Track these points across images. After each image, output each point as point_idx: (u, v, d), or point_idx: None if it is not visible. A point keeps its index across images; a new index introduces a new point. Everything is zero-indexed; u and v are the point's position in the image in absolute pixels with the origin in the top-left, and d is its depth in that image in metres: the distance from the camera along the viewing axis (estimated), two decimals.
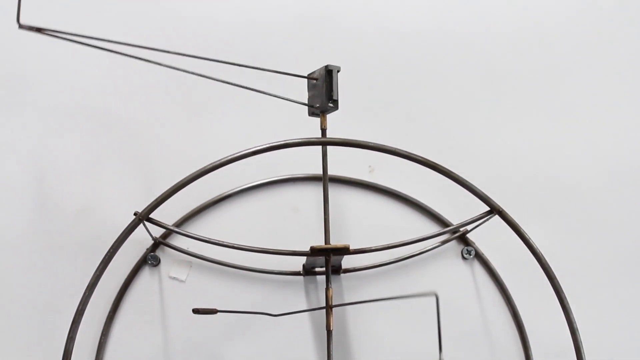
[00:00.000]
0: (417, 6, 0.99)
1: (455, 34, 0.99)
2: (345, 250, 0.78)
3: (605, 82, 0.99)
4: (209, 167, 0.75)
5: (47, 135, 0.94)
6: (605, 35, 1.00)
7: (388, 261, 0.93)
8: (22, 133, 0.94)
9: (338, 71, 0.80)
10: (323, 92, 0.80)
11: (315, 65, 0.84)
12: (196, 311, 0.78)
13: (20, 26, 0.62)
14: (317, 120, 0.83)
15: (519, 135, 0.97)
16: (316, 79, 0.80)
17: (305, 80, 0.83)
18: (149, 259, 0.92)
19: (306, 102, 0.83)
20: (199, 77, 0.90)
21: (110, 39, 0.68)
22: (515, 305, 0.93)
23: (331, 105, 0.80)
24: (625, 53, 1.00)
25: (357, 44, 0.99)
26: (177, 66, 0.77)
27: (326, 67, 0.80)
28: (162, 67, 0.94)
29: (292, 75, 0.79)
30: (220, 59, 0.76)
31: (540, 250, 0.78)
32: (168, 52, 0.73)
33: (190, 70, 0.73)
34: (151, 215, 0.76)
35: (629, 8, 1.00)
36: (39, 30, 0.64)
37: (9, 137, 0.94)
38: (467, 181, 0.78)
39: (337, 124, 0.87)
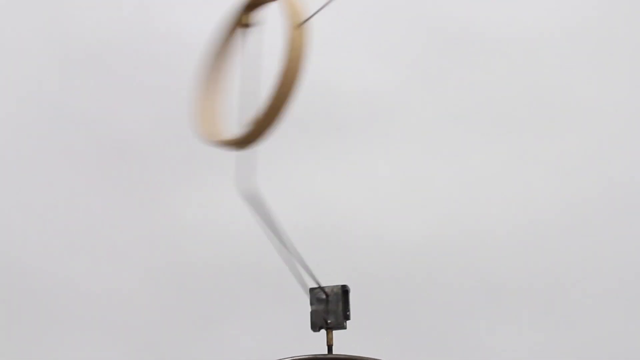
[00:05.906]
0: (416, 225, 1.04)
1: (455, 248, 1.03)
2: None
3: (601, 287, 1.02)
4: None
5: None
6: (597, 237, 1.04)
7: None
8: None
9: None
10: (338, 310, 0.81)
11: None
12: None
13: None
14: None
15: (519, 345, 0.99)
16: (327, 295, 0.81)
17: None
18: None
19: (309, 314, 0.84)
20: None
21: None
22: None
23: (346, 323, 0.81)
24: (614, 253, 1.03)
25: (358, 258, 1.02)
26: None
27: (343, 287, 0.81)
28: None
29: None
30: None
31: None
32: None
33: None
34: None
35: (615, 198, 1.05)
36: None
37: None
38: None
39: (339, 336, 0.89)
